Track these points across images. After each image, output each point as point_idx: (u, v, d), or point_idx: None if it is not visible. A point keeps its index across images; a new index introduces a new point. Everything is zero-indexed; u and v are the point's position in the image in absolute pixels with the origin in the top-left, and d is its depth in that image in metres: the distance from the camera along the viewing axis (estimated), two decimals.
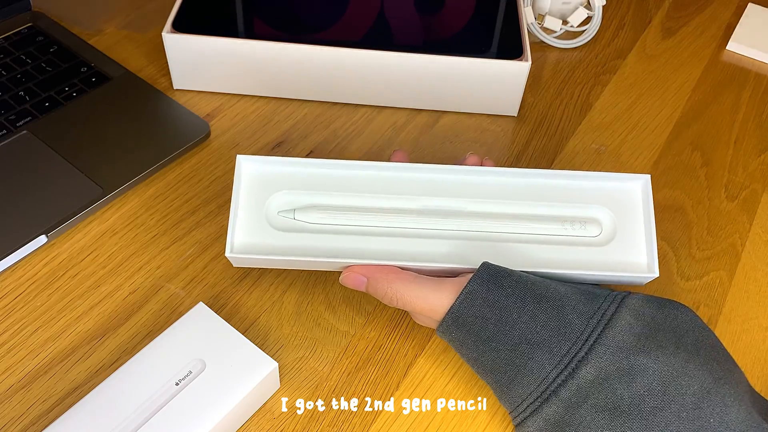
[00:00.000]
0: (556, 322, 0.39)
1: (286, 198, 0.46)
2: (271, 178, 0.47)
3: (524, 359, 0.39)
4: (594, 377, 0.38)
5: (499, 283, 0.41)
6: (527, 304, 0.40)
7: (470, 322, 0.41)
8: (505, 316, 0.40)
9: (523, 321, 0.40)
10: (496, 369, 0.41)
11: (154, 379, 0.42)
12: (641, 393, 0.37)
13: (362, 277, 0.44)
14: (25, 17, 0.69)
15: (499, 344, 0.40)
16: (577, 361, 0.38)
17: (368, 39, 0.64)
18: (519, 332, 0.39)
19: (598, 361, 0.38)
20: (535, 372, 0.39)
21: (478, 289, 0.41)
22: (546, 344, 0.39)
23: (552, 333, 0.39)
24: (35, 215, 0.53)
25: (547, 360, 0.39)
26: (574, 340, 0.39)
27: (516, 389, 0.40)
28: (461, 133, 0.64)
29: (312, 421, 0.44)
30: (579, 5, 0.73)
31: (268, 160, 0.47)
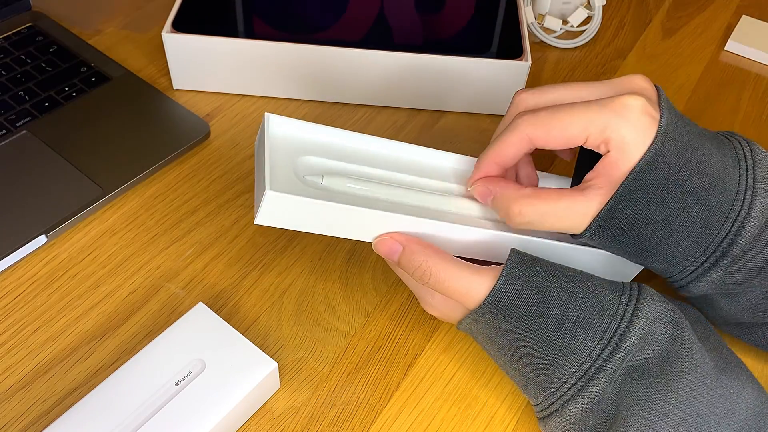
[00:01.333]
0: (592, 298, 0.39)
1: (313, 162, 0.44)
2: (298, 143, 0.45)
3: (567, 338, 0.39)
4: (637, 349, 0.38)
5: (532, 267, 0.40)
6: (564, 284, 0.40)
7: (512, 305, 0.40)
8: (546, 297, 0.39)
9: (564, 299, 0.39)
10: (535, 353, 0.39)
11: (154, 379, 0.42)
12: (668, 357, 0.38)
13: (398, 245, 0.43)
14: (25, 17, 0.69)
15: (542, 325, 0.39)
16: (620, 336, 0.38)
17: (368, 39, 0.64)
18: (561, 311, 0.39)
19: (638, 332, 0.38)
20: (578, 351, 0.38)
21: (516, 270, 0.40)
22: (587, 321, 0.39)
23: (591, 309, 0.39)
24: (35, 215, 0.53)
25: (590, 337, 0.38)
26: (612, 315, 0.39)
27: (557, 372, 0.39)
28: (461, 133, 0.64)
29: (312, 421, 0.44)
30: (579, 5, 0.73)
31: (297, 124, 0.45)
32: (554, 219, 0.42)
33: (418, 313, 0.50)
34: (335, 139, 0.46)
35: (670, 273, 0.44)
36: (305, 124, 0.45)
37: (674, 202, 0.41)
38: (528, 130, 0.42)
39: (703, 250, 0.42)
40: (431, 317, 0.50)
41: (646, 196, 0.40)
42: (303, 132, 0.45)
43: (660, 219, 0.41)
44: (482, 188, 0.44)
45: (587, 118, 0.40)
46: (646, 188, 0.40)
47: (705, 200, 0.41)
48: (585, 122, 0.40)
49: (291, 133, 0.45)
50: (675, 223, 0.41)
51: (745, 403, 0.38)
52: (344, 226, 0.43)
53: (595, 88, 0.43)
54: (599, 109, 0.40)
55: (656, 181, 0.40)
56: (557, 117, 0.41)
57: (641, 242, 0.42)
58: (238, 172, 0.59)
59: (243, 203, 0.56)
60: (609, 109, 0.40)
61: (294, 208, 0.41)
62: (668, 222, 0.41)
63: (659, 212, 0.41)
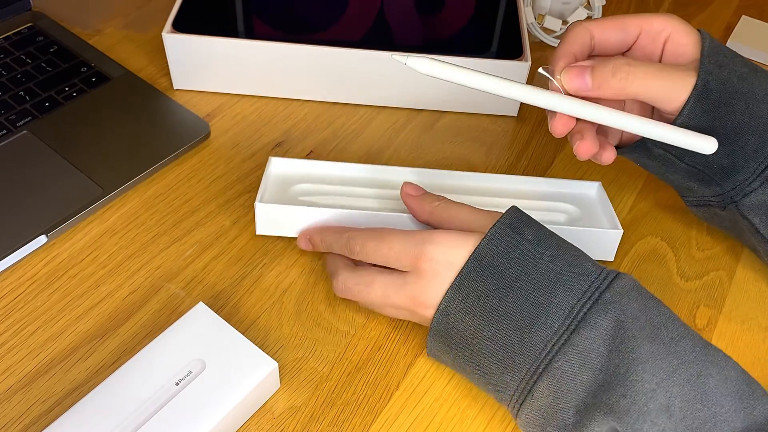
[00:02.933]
0: (574, 264, 0.41)
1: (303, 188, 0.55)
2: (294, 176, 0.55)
3: (548, 296, 0.40)
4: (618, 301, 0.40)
5: (520, 230, 0.42)
6: (547, 249, 0.42)
7: (494, 262, 0.41)
8: (527, 257, 0.41)
9: (545, 261, 0.41)
10: (519, 312, 0.40)
11: (154, 379, 0.42)
12: (662, 321, 0.39)
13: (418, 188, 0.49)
14: (25, 17, 0.69)
15: (523, 283, 0.41)
16: (600, 293, 0.40)
17: (368, 39, 0.64)
18: (542, 270, 0.41)
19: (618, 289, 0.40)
20: (560, 307, 0.40)
21: (503, 230, 0.42)
22: (568, 282, 0.40)
23: (572, 273, 0.41)
24: (35, 215, 0.53)
25: (571, 295, 0.40)
26: (593, 279, 0.40)
27: (540, 329, 0.40)
28: (461, 133, 0.64)
29: (312, 421, 0.44)
30: (579, 5, 0.73)
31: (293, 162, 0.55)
32: (655, 74, 0.45)
33: None
34: (322, 170, 0.56)
35: (761, 156, 0.47)
36: (299, 161, 0.55)
37: (749, 76, 0.46)
38: (587, 24, 0.48)
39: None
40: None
41: (726, 70, 0.46)
42: (298, 167, 0.55)
43: (744, 91, 0.46)
44: (576, 67, 0.46)
45: (643, 18, 0.48)
46: (720, 65, 0.46)
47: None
48: (641, 21, 0.48)
49: (289, 168, 0.55)
50: (760, 93, 0.46)
51: (734, 370, 0.39)
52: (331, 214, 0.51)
53: None
54: (651, 15, 0.48)
55: (726, 59, 0.46)
56: (613, 17, 0.49)
57: (734, 116, 0.46)
58: (238, 172, 0.59)
59: (243, 203, 0.56)
60: (660, 15, 0.48)
61: (280, 215, 0.51)
62: (752, 94, 0.46)
63: (741, 85, 0.46)
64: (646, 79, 0.45)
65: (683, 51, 0.47)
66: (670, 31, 0.47)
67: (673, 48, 0.47)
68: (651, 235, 0.57)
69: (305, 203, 0.54)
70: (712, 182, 0.49)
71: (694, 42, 0.47)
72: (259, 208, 0.50)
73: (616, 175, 0.61)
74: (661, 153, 0.49)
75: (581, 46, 0.48)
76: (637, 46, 0.48)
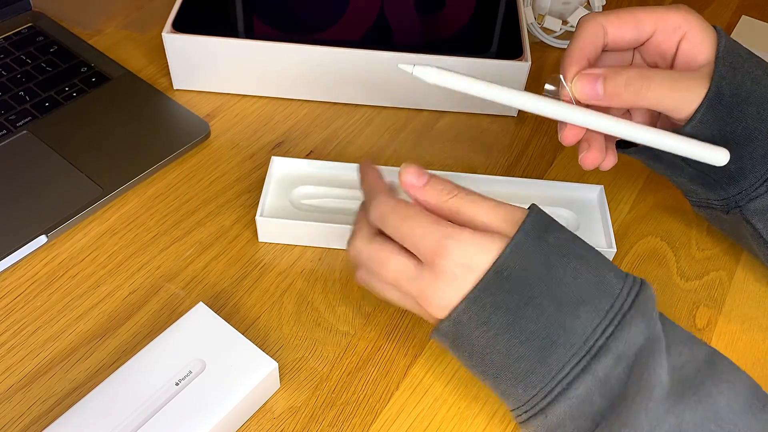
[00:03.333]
0: (597, 279, 0.38)
1: (305, 191, 0.56)
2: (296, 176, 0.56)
3: (570, 316, 0.37)
4: (639, 323, 0.38)
5: (543, 237, 0.39)
6: (570, 261, 0.38)
7: (516, 277, 0.38)
8: (550, 272, 0.38)
9: (568, 277, 0.38)
10: (537, 331, 0.38)
11: (154, 379, 0.42)
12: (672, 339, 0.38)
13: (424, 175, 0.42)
14: (25, 17, 0.69)
15: (544, 300, 0.38)
16: (623, 313, 0.38)
17: (368, 39, 0.64)
18: (565, 288, 0.38)
19: (642, 309, 0.38)
20: (581, 328, 0.37)
21: (526, 241, 0.38)
22: (591, 301, 0.38)
23: (594, 290, 0.38)
24: (35, 215, 0.53)
25: (594, 315, 0.38)
26: (615, 296, 0.38)
27: (558, 351, 0.37)
28: (461, 134, 0.64)
29: (312, 421, 0.44)
30: (579, 5, 0.73)
31: (296, 162, 0.56)
32: (669, 84, 0.44)
33: None
34: (324, 170, 0.56)
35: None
36: (301, 161, 0.56)
37: (762, 79, 0.45)
38: (601, 19, 0.46)
39: None
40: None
41: (740, 73, 0.45)
42: (300, 167, 0.56)
43: (757, 95, 0.45)
44: (588, 75, 0.45)
45: (658, 14, 0.46)
46: (734, 67, 0.44)
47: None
48: (657, 17, 0.46)
49: (291, 168, 0.56)
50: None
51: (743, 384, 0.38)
52: (318, 238, 0.53)
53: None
54: (667, 10, 0.46)
55: (740, 61, 0.45)
56: (627, 10, 0.46)
57: (746, 121, 0.45)
58: (238, 172, 0.59)
59: (243, 203, 0.56)
60: (676, 11, 0.46)
61: (280, 228, 0.52)
62: (765, 98, 0.45)
63: (754, 89, 0.45)
64: (660, 92, 0.44)
65: (699, 50, 0.45)
66: (686, 29, 0.45)
67: (688, 47, 0.45)
68: (651, 235, 0.57)
69: (307, 207, 0.54)
70: (718, 186, 0.49)
71: (710, 41, 0.45)
72: (260, 221, 0.52)
73: (616, 175, 0.61)
74: (669, 157, 0.47)
75: (594, 46, 0.46)
76: (652, 42, 0.47)
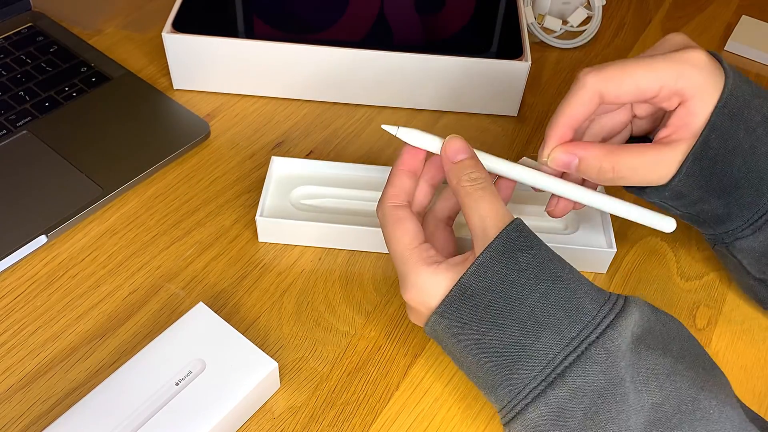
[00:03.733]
0: (568, 303, 0.38)
1: (304, 190, 0.56)
2: (296, 176, 0.56)
3: (532, 338, 0.37)
4: (603, 361, 0.36)
5: (514, 257, 0.38)
6: (540, 282, 0.38)
7: (479, 295, 0.38)
8: (515, 292, 0.38)
9: (534, 298, 0.38)
10: (500, 350, 0.38)
11: (154, 379, 0.42)
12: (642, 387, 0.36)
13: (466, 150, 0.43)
14: (25, 17, 0.69)
15: (507, 320, 0.38)
16: (588, 344, 0.36)
17: (368, 39, 0.64)
18: (528, 309, 0.37)
19: (608, 345, 0.36)
20: (541, 353, 0.37)
21: (492, 259, 0.38)
22: (556, 325, 0.37)
23: (563, 314, 0.37)
24: (35, 215, 0.53)
25: (556, 341, 0.37)
26: (585, 324, 0.37)
27: (520, 372, 0.38)
28: (461, 133, 0.63)
29: (312, 421, 0.44)
30: (579, 5, 0.73)
31: (296, 161, 0.56)
32: (644, 171, 0.43)
33: None
34: (324, 170, 0.56)
35: (755, 208, 0.45)
36: (302, 161, 0.56)
37: (759, 126, 0.43)
38: (598, 85, 0.42)
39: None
40: None
41: (735, 123, 0.42)
42: (300, 167, 0.56)
43: (746, 146, 0.43)
44: (563, 155, 0.44)
45: (659, 68, 0.42)
46: (733, 115, 0.42)
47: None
48: (657, 73, 0.41)
49: (291, 168, 0.56)
50: (762, 148, 0.43)
51: (729, 422, 0.36)
52: (319, 238, 0.53)
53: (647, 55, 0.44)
54: (668, 61, 0.42)
55: (741, 106, 0.42)
56: (627, 70, 0.42)
57: (731, 173, 0.44)
58: (238, 172, 0.59)
59: (243, 203, 0.56)
60: (677, 61, 0.42)
61: (280, 228, 0.52)
62: (755, 148, 0.43)
63: (746, 138, 0.43)
64: (634, 180, 0.44)
65: (691, 121, 0.43)
66: (689, 97, 0.42)
67: (683, 115, 0.43)
68: (651, 235, 0.57)
69: (307, 207, 0.54)
70: (706, 225, 0.49)
71: (710, 102, 0.42)
72: (260, 221, 0.52)
73: None
74: (657, 203, 0.47)
75: (584, 117, 0.44)
76: (652, 102, 0.44)
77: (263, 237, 0.54)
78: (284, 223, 0.52)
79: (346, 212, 0.54)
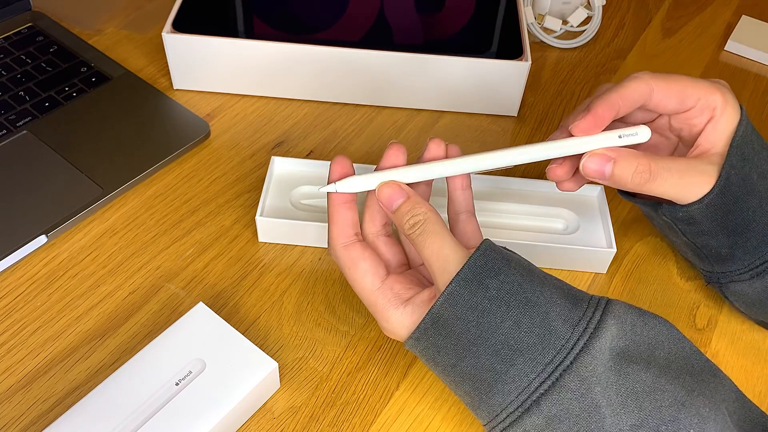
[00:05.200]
0: (540, 329, 0.37)
1: (304, 190, 0.56)
2: (296, 176, 0.56)
3: (506, 365, 0.37)
4: (577, 388, 0.36)
5: (484, 285, 0.38)
6: (511, 309, 0.38)
7: (451, 324, 0.38)
8: (487, 320, 0.38)
9: (507, 326, 0.37)
10: (476, 376, 0.38)
11: (154, 379, 0.42)
12: (620, 409, 0.36)
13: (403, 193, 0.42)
14: (25, 17, 0.69)
15: (480, 348, 0.38)
16: (561, 371, 0.36)
17: (368, 39, 0.64)
18: (501, 337, 0.37)
19: (582, 371, 0.36)
20: (516, 380, 0.37)
21: (461, 288, 0.38)
22: (529, 351, 0.37)
23: (536, 340, 0.37)
24: (35, 215, 0.53)
25: (530, 368, 0.37)
26: (558, 349, 0.37)
27: (495, 397, 0.38)
28: (461, 133, 0.64)
29: (312, 421, 0.44)
30: (579, 5, 0.73)
31: (295, 161, 0.56)
32: (677, 176, 0.44)
33: None
34: (325, 169, 0.56)
35: (759, 253, 0.46)
36: (302, 161, 0.56)
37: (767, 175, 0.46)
38: (652, 81, 0.45)
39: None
40: None
41: (749, 165, 0.45)
42: (300, 166, 0.57)
43: (761, 189, 0.45)
44: (601, 156, 0.44)
45: (700, 81, 0.46)
46: (745, 158, 0.45)
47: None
48: (699, 84, 0.45)
49: (291, 168, 0.57)
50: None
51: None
52: (319, 238, 0.53)
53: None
54: (711, 89, 0.45)
55: (752, 152, 0.45)
56: (678, 78, 0.46)
57: (746, 214, 0.45)
58: (238, 172, 0.59)
59: (243, 203, 0.56)
60: (719, 91, 0.45)
61: (280, 228, 0.53)
62: (767, 193, 0.46)
63: (759, 183, 0.45)
64: (664, 184, 0.44)
65: (717, 140, 0.45)
66: (719, 113, 0.45)
67: (712, 132, 0.46)
68: (651, 235, 0.57)
69: (307, 207, 0.55)
70: (706, 261, 0.49)
71: (732, 127, 0.45)
72: (260, 221, 0.52)
73: None
74: (668, 221, 0.47)
75: (633, 102, 0.45)
76: (685, 115, 0.46)
77: (263, 237, 0.54)
78: (284, 223, 0.52)
79: None
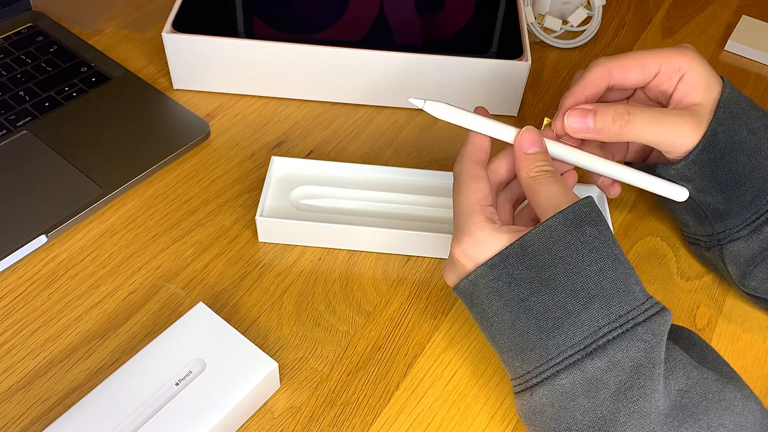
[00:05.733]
0: (622, 284, 0.39)
1: (304, 190, 0.56)
2: (296, 176, 0.56)
3: (580, 307, 0.38)
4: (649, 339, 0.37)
5: (581, 228, 0.39)
6: (600, 258, 0.39)
7: (538, 254, 0.39)
8: (575, 259, 0.39)
9: (592, 270, 0.39)
10: (544, 313, 0.39)
11: (154, 379, 0.42)
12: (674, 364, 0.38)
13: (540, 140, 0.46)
14: (25, 17, 0.69)
15: (559, 285, 0.38)
16: (634, 324, 0.38)
17: (368, 39, 0.64)
18: (584, 280, 0.38)
19: (655, 328, 0.38)
20: (587, 323, 0.38)
21: (559, 224, 0.39)
22: (607, 299, 0.38)
23: (615, 292, 0.38)
24: (35, 215, 0.53)
25: (604, 314, 0.38)
26: (634, 306, 0.38)
27: (558, 338, 0.38)
28: (461, 134, 0.64)
29: (312, 421, 0.44)
30: (579, 5, 0.73)
31: (296, 161, 0.56)
32: (657, 117, 0.46)
33: (418, 312, 0.50)
34: (324, 170, 0.57)
35: (754, 208, 0.47)
36: (302, 161, 0.56)
37: (759, 130, 0.47)
38: (608, 63, 0.48)
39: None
40: (431, 317, 0.50)
41: (738, 122, 0.47)
42: (300, 167, 0.56)
43: (750, 145, 0.47)
44: (580, 109, 0.46)
45: (659, 50, 0.48)
46: (734, 115, 0.47)
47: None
48: (658, 52, 0.48)
49: (291, 168, 0.57)
50: (765, 149, 0.47)
51: (751, 415, 0.37)
52: (319, 238, 0.53)
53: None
54: (672, 52, 0.47)
55: (741, 111, 0.47)
56: (635, 53, 0.48)
57: (736, 168, 0.47)
58: (238, 172, 0.59)
59: (243, 203, 0.56)
60: (680, 53, 0.47)
61: (280, 228, 0.52)
62: (758, 149, 0.47)
63: (749, 139, 0.47)
64: (644, 127, 0.45)
65: (690, 92, 0.47)
66: (686, 71, 0.47)
67: (684, 88, 0.47)
68: (651, 235, 0.57)
69: (307, 207, 0.55)
70: (706, 221, 0.50)
71: (708, 85, 0.47)
72: (260, 221, 0.52)
73: None
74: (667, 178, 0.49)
75: (596, 87, 0.48)
76: (655, 81, 0.48)
77: (263, 237, 0.54)
78: (284, 223, 0.52)
79: (346, 212, 0.54)
